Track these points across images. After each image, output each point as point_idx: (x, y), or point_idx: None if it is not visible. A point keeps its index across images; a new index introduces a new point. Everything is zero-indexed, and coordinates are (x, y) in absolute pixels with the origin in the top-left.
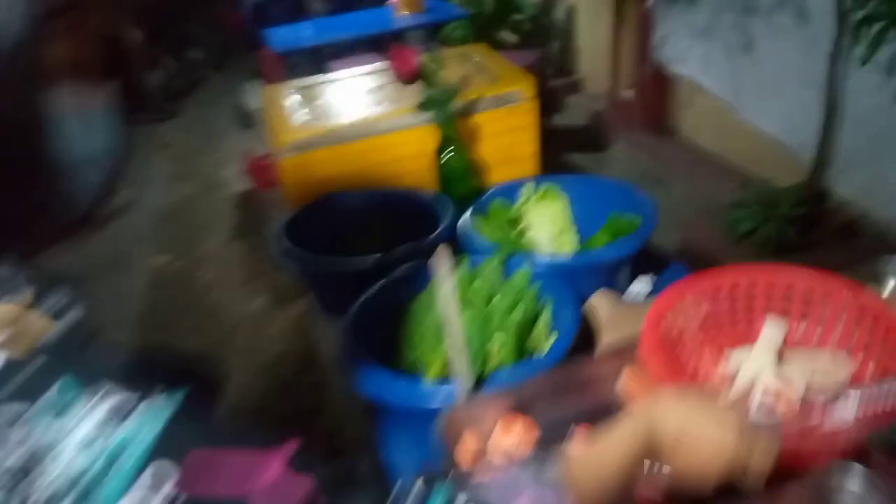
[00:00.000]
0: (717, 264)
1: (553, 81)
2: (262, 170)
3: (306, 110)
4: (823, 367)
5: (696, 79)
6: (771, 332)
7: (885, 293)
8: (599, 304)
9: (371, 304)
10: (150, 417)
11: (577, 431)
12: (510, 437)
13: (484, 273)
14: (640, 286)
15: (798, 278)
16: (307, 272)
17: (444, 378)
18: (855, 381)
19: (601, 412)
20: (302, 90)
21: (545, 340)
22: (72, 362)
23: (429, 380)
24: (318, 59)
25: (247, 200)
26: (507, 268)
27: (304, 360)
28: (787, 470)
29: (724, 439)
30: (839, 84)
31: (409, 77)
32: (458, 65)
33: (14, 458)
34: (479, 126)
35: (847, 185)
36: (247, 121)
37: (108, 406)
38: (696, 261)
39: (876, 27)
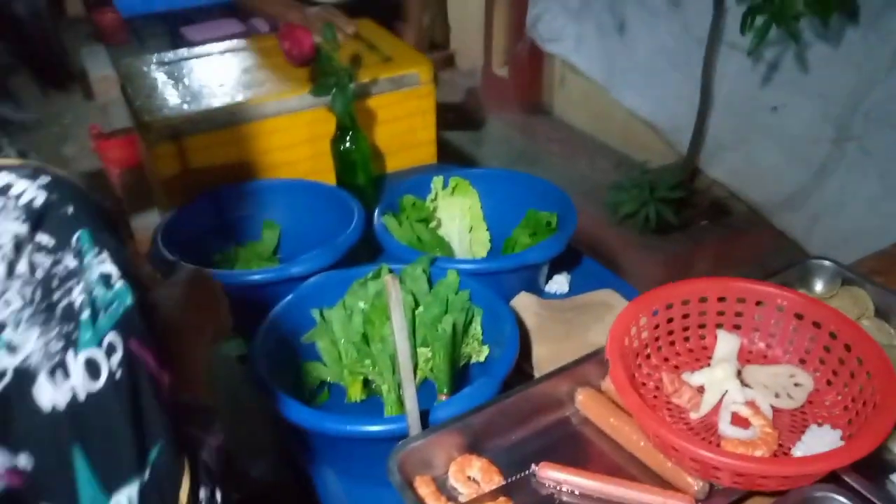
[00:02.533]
0: (602, 246)
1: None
2: (114, 148)
3: (176, 90)
4: (783, 385)
5: (569, 59)
6: (725, 348)
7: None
8: (524, 308)
9: (280, 322)
10: None
11: (540, 469)
12: (468, 483)
13: (406, 283)
14: (557, 286)
15: (747, 291)
16: None
17: (363, 401)
18: (815, 398)
19: (562, 441)
20: (167, 66)
21: (478, 353)
22: None
23: (351, 402)
24: (170, 24)
25: (98, 183)
26: (432, 274)
27: None
28: (762, 493)
29: None
30: (712, 69)
31: (302, 60)
32: (346, 43)
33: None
34: (374, 111)
35: (717, 167)
36: (89, 90)
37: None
38: (581, 243)
39: (760, 20)
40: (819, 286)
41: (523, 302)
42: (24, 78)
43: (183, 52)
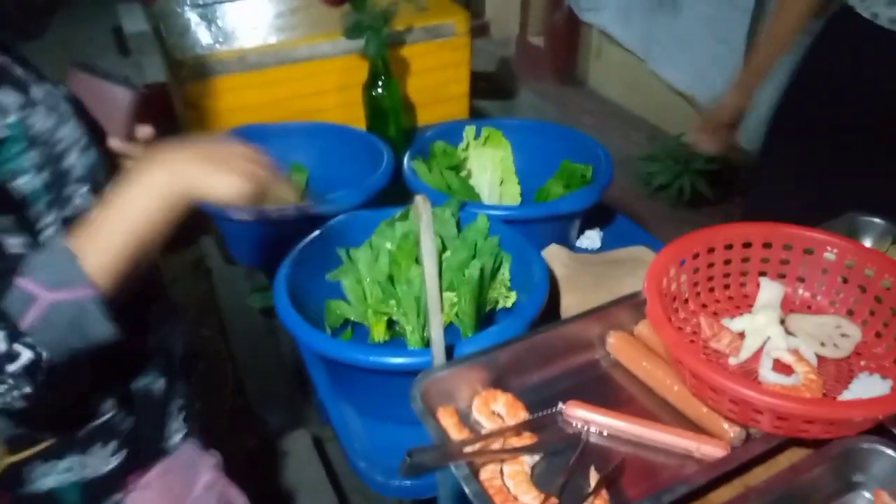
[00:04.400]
0: (634, 217)
1: None
2: (146, 100)
3: (209, 32)
4: (829, 335)
5: (608, 29)
6: (768, 296)
7: None
8: (554, 259)
9: (304, 257)
10: None
11: (567, 408)
12: (492, 417)
13: (434, 226)
14: (589, 241)
15: (796, 237)
16: (220, 218)
17: (387, 342)
18: (863, 349)
19: (590, 383)
20: (201, 9)
21: (505, 299)
22: None
23: (376, 342)
24: None
25: None
26: (461, 219)
27: (205, 307)
28: (805, 440)
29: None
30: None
31: None
32: None
33: None
34: (408, 60)
35: (755, 141)
36: (124, 46)
37: None
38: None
39: None
40: (867, 243)
41: (553, 252)
42: None
43: None
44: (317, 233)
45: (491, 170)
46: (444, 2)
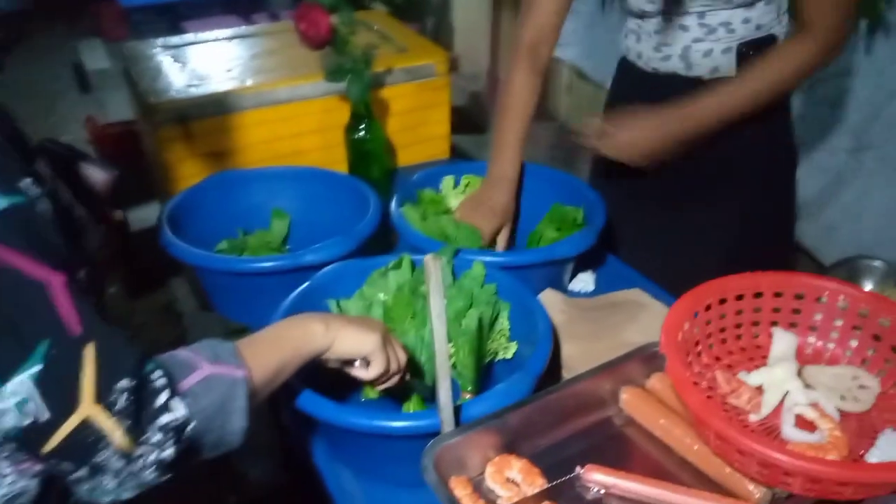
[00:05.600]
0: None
1: None
2: (111, 139)
3: (182, 74)
4: (848, 387)
5: (578, 64)
6: (782, 346)
7: None
8: (551, 305)
9: (295, 311)
10: None
11: (586, 472)
12: (507, 485)
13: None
14: (582, 284)
15: (807, 286)
16: (203, 270)
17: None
18: (883, 401)
19: (605, 443)
20: (172, 50)
21: (505, 350)
22: None
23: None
24: (171, 18)
25: None
26: (455, 266)
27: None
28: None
29: None
30: None
31: (318, 42)
32: (360, 32)
33: None
34: (389, 101)
35: None
36: (85, 83)
37: None
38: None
39: None
40: (869, 286)
41: (549, 299)
42: None
43: (189, 36)
44: (306, 284)
45: None
46: (422, 42)
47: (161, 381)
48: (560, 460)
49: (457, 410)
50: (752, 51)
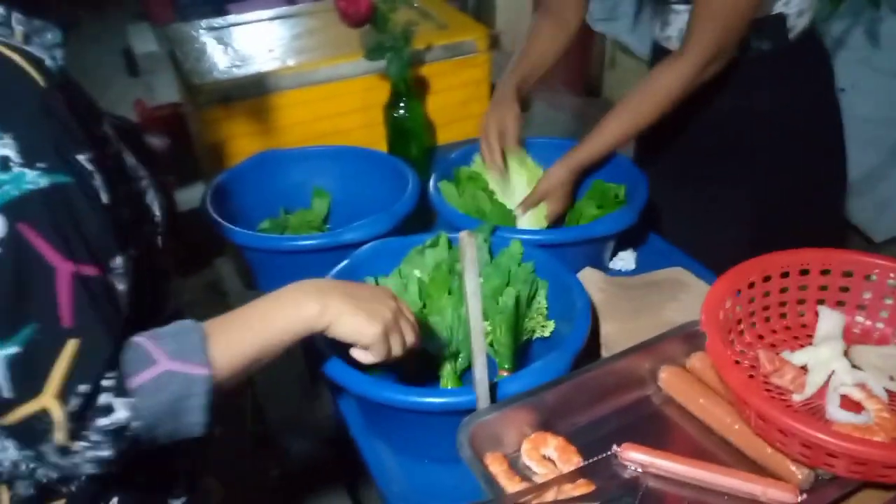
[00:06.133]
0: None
1: None
2: (159, 121)
3: (225, 55)
4: None
5: (621, 39)
6: (829, 325)
7: None
8: (589, 283)
9: None
10: None
11: (622, 451)
12: (542, 462)
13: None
14: (623, 262)
15: (856, 263)
16: (246, 248)
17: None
18: None
19: (643, 422)
20: (216, 31)
21: (542, 328)
22: None
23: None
24: (217, 1)
25: None
26: (493, 244)
27: None
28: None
29: None
30: None
31: (358, 20)
32: (400, 9)
33: None
34: (429, 79)
35: None
36: (134, 67)
37: None
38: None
39: None
40: None
41: (588, 277)
42: None
43: (232, 17)
44: (345, 262)
45: (522, 183)
46: (463, 19)
47: (109, 381)
48: (597, 439)
49: (493, 387)
50: (758, 32)
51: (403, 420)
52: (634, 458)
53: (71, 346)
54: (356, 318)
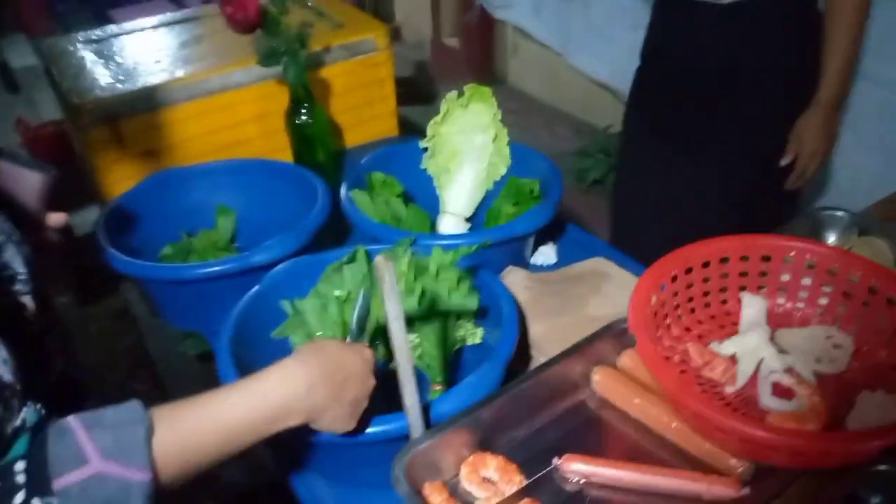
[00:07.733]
0: (574, 216)
1: None
2: (45, 141)
3: (107, 69)
4: (822, 348)
5: (522, 25)
6: (753, 312)
7: None
8: (514, 283)
9: (247, 317)
10: None
11: (564, 463)
12: (483, 485)
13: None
14: (544, 257)
15: (773, 248)
16: (147, 281)
17: None
18: (860, 360)
19: (581, 428)
20: (95, 44)
21: (472, 336)
22: None
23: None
24: (97, 8)
25: None
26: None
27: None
28: (811, 469)
29: None
30: None
31: (247, 25)
32: (292, 10)
33: None
34: (329, 81)
35: None
36: (12, 82)
37: None
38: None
39: None
40: (832, 238)
41: (513, 277)
42: None
43: (112, 28)
44: (256, 288)
45: (483, 126)
46: (359, 16)
47: (20, 478)
48: (537, 452)
49: (426, 409)
50: None
51: (335, 452)
52: (576, 469)
53: None
54: (337, 423)
